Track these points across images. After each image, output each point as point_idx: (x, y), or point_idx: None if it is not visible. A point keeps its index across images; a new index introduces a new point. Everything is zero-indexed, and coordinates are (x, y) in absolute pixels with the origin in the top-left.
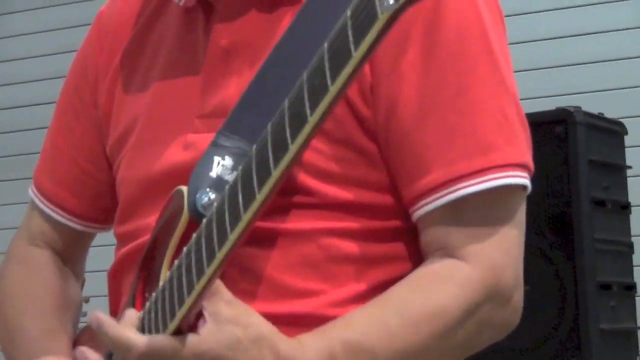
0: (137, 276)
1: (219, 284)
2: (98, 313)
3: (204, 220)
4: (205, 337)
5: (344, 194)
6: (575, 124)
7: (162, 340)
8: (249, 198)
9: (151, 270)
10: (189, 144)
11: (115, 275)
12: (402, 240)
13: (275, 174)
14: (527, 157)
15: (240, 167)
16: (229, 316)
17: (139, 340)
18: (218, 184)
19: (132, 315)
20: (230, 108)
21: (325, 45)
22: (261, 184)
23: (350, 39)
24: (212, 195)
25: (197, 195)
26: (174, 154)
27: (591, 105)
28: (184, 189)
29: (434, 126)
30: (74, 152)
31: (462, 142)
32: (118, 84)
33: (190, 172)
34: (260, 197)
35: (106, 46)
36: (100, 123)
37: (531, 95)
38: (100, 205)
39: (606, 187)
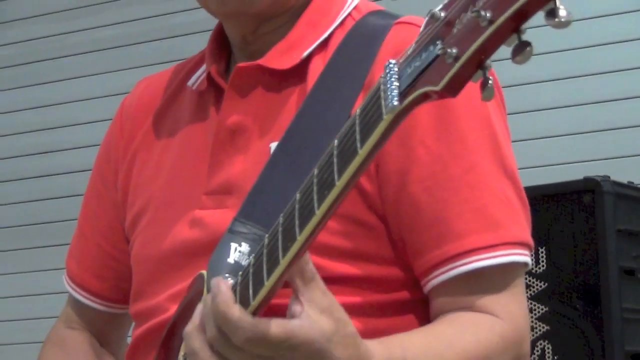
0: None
1: (314, 271)
2: (222, 279)
3: None
4: (309, 324)
5: (348, 268)
6: (603, 194)
7: (274, 324)
8: (258, 285)
9: (171, 352)
10: (196, 221)
11: (133, 357)
12: (405, 312)
13: (284, 262)
14: (528, 236)
15: (252, 255)
16: (325, 306)
17: (249, 321)
18: (236, 269)
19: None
20: (236, 185)
21: (335, 142)
22: (270, 272)
23: (357, 136)
24: (231, 281)
25: None
26: (182, 231)
27: (620, 172)
28: (205, 274)
29: (445, 200)
30: (99, 238)
31: (473, 216)
32: (135, 167)
33: (198, 249)
34: (268, 283)
35: (126, 132)
36: (120, 205)
37: (558, 162)
38: (124, 286)
39: (635, 257)
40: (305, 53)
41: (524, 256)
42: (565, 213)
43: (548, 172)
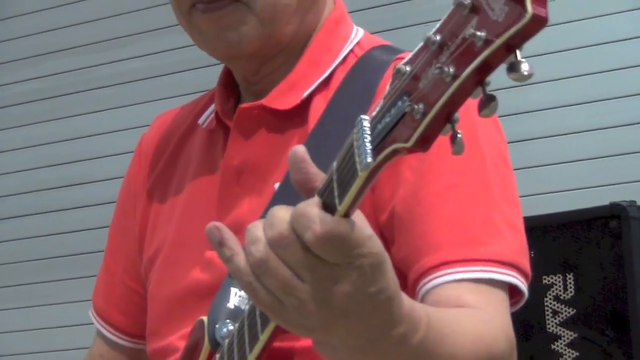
0: None
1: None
2: (301, 148)
3: (225, 344)
4: (376, 237)
5: None
6: (629, 219)
7: (354, 226)
8: (253, 339)
9: None
10: (207, 262)
11: None
12: None
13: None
14: (515, 258)
15: (249, 304)
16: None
17: (330, 217)
18: (236, 314)
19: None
20: (243, 225)
21: (316, 195)
22: (263, 327)
23: (335, 192)
24: (231, 327)
25: (217, 326)
26: (193, 273)
27: None
28: (205, 320)
29: (425, 215)
30: (123, 273)
31: (450, 231)
32: (152, 205)
33: (208, 290)
34: (263, 338)
35: (144, 168)
36: (139, 241)
37: (583, 186)
38: (145, 321)
39: None
40: (306, 93)
41: (506, 276)
42: (592, 239)
43: (573, 197)
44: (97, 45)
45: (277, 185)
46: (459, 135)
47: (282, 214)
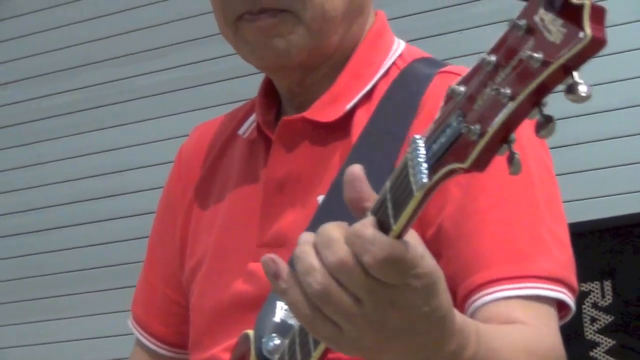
0: None
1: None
2: (357, 167)
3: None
4: (429, 256)
5: None
6: None
7: (409, 246)
8: (305, 356)
9: None
10: (250, 274)
11: None
12: None
13: None
14: (564, 274)
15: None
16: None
17: (386, 239)
18: (282, 328)
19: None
20: (287, 237)
21: (369, 214)
22: (317, 343)
23: (390, 212)
24: (277, 341)
25: (263, 341)
26: (237, 284)
27: None
28: (251, 334)
29: (473, 232)
30: (163, 284)
31: (499, 248)
32: (192, 216)
33: (252, 302)
34: (315, 354)
35: (183, 179)
36: (179, 252)
37: (621, 192)
38: (186, 331)
39: None
40: (349, 106)
41: (555, 292)
42: (630, 245)
43: (611, 202)
44: (136, 56)
45: (320, 197)
46: (516, 156)
47: (336, 235)
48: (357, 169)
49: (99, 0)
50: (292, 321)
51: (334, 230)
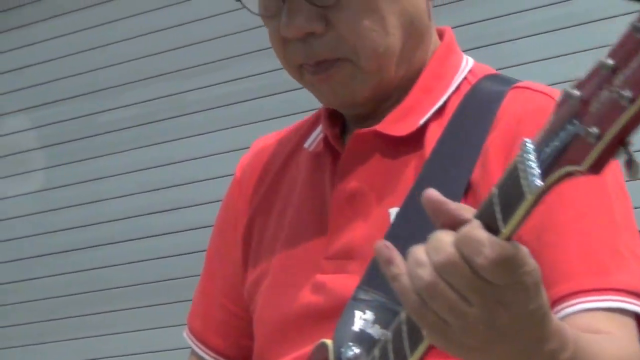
0: None
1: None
2: (432, 191)
3: None
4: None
5: None
6: None
7: (519, 246)
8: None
9: None
10: (318, 285)
11: None
12: None
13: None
14: (637, 287)
15: (391, 328)
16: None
17: (497, 240)
18: (361, 337)
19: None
20: (357, 250)
21: (474, 219)
22: (414, 347)
23: (498, 216)
24: (357, 350)
25: (342, 350)
26: (305, 296)
27: None
28: (329, 343)
29: (554, 244)
30: (222, 297)
31: (580, 261)
32: (255, 228)
33: (322, 313)
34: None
35: (244, 192)
36: (240, 264)
37: None
38: (246, 344)
39: None
40: (422, 120)
41: (635, 305)
42: None
43: None
44: (189, 71)
45: (392, 210)
46: (634, 159)
47: (445, 237)
48: (433, 194)
49: (152, 16)
50: (372, 331)
51: (444, 234)
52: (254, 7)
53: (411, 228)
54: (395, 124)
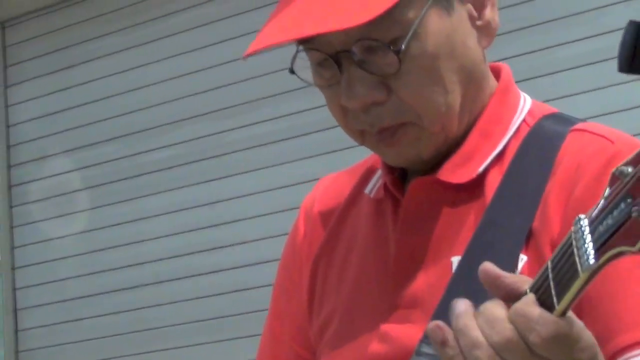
0: None
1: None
2: (487, 265)
3: None
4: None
5: None
6: None
7: (573, 322)
8: None
9: None
10: (383, 335)
11: None
12: None
13: None
14: None
15: None
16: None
17: (552, 317)
18: None
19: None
20: (420, 299)
21: (528, 291)
22: None
23: (552, 291)
24: None
25: None
26: (372, 346)
27: None
28: None
29: (614, 293)
30: (289, 339)
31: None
32: (319, 271)
33: None
34: None
35: (309, 232)
36: (306, 306)
37: None
38: None
39: None
40: (481, 168)
41: None
42: None
43: None
44: (232, 110)
45: (454, 259)
46: None
47: (500, 313)
48: (489, 268)
49: (191, 56)
50: None
51: (497, 308)
52: (307, 77)
53: (473, 277)
54: (455, 172)
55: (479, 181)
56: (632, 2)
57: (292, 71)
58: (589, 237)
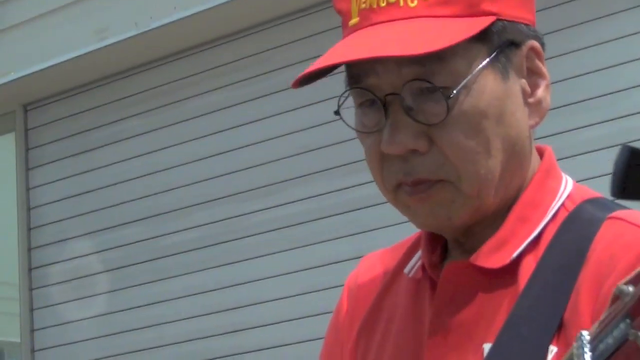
0: None
1: None
2: None
3: None
4: None
5: None
6: None
7: None
8: None
9: None
10: None
11: None
12: None
13: None
14: None
15: None
16: None
17: None
18: None
19: None
20: None
21: None
22: None
23: None
24: None
25: None
26: None
27: None
28: None
29: None
30: None
31: None
32: (359, 349)
33: None
34: None
35: (351, 309)
36: None
37: None
38: None
39: None
40: (516, 253)
41: None
42: None
43: None
44: (251, 193)
45: (486, 346)
46: None
47: None
48: None
49: (215, 138)
50: None
51: None
52: (350, 121)
53: None
54: (490, 256)
55: (514, 267)
56: None
57: (337, 112)
58: (589, 355)
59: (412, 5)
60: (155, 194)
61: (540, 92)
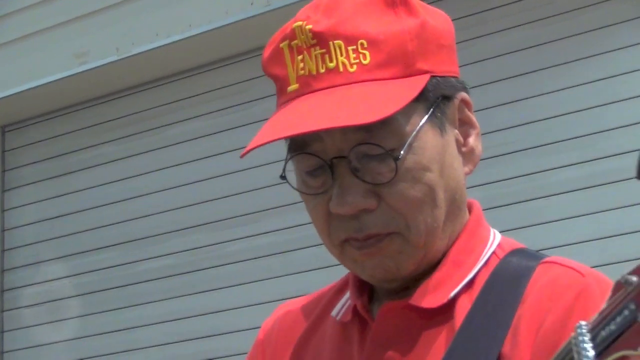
0: None
1: None
2: None
3: None
4: None
5: None
6: None
7: None
8: None
9: None
10: None
11: None
12: None
13: None
14: None
15: None
16: None
17: None
18: None
19: None
20: None
21: None
22: None
23: None
24: None
25: None
26: None
27: None
28: None
29: None
30: None
31: None
32: None
33: None
34: None
35: (268, 356)
36: None
37: None
38: None
39: None
40: (452, 293)
41: None
42: None
43: None
44: (227, 222)
45: None
46: None
47: None
48: None
49: (193, 166)
50: None
51: None
52: (295, 183)
53: None
54: (426, 297)
55: (450, 307)
56: (628, 129)
57: (283, 177)
58: (589, 342)
59: (351, 70)
60: (131, 219)
61: (471, 140)
